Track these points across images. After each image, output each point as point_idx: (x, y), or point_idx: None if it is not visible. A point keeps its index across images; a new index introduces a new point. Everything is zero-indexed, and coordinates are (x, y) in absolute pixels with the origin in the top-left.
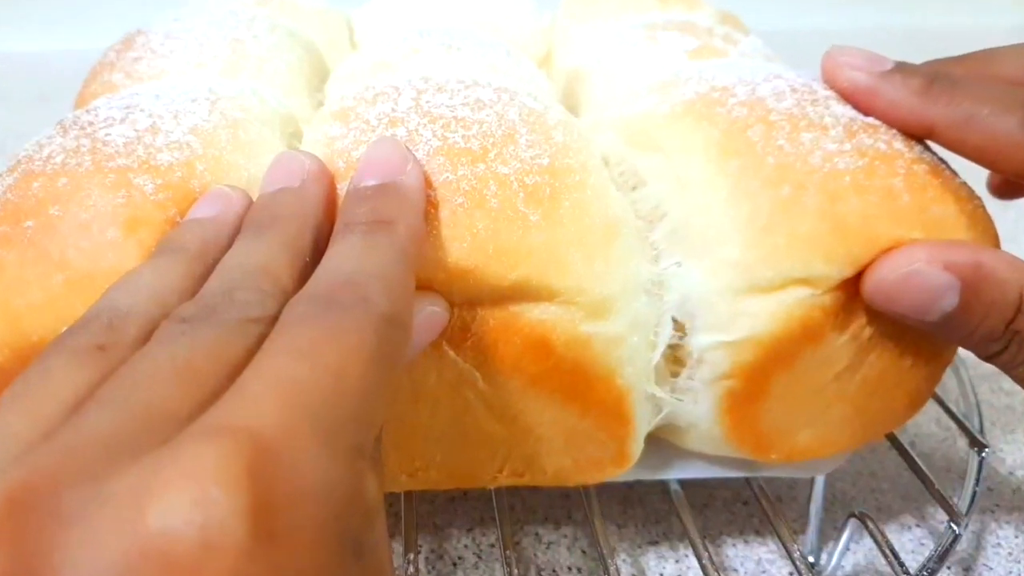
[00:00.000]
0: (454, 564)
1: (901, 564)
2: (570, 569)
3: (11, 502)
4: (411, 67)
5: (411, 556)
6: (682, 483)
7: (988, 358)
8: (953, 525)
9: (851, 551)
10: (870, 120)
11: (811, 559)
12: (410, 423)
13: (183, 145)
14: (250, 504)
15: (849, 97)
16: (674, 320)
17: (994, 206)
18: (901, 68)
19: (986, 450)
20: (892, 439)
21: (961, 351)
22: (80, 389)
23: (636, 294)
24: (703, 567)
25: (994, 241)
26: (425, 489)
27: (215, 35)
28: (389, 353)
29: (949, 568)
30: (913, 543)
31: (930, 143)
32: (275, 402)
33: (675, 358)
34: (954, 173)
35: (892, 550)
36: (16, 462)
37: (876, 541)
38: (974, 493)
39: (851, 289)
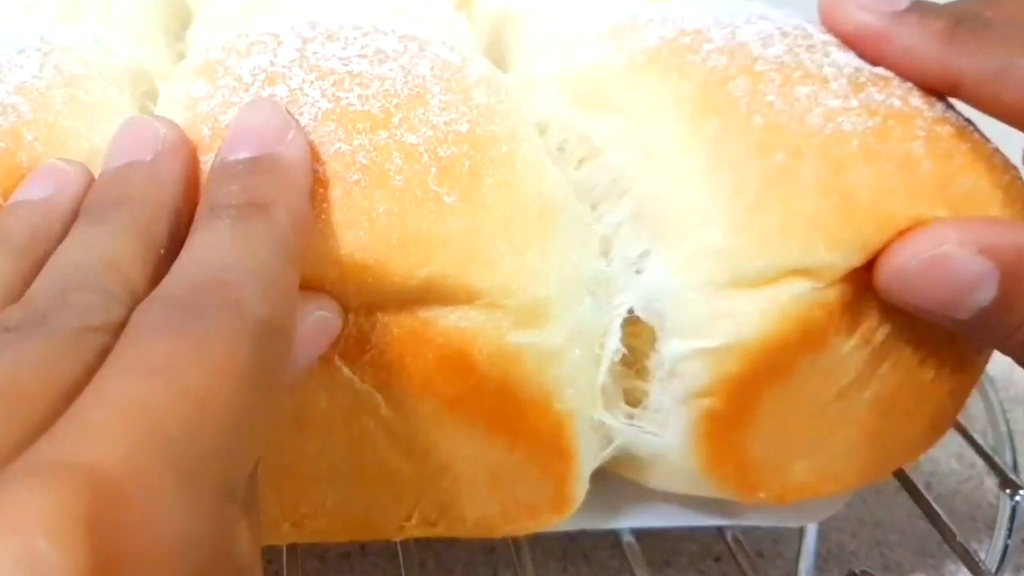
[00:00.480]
0: None
1: None
2: None
3: None
4: (295, 9)
5: None
6: (637, 533)
7: None
8: None
9: None
10: (880, 71)
11: None
12: (294, 458)
13: (7, 108)
14: (89, 563)
15: (854, 42)
16: (638, 323)
17: None
18: (919, 7)
19: (1021, 492)
20: (902, 478)
21: (989, 366)
22: None
23: (578, 296)
24: None
25: None
26: (314, 542)
27: None
28: (266, 370)
29: None
30: None
31: (953, 100)
32: (121, 433)
33: (637, 370)
34: (984, 138)
35: None
36: None
37: None
38: (1005, 547)
39: (860, 282)
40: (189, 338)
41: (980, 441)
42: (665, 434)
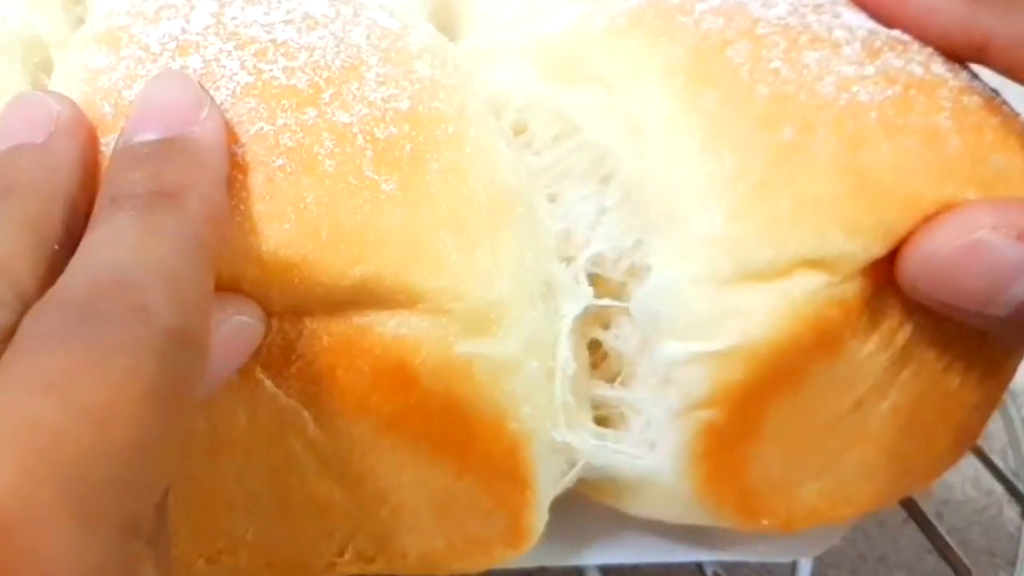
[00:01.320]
0: None
1: None
2: None
3: None
4: None
5: None
6: (606, 571)
7: None
8: None
9: None
10: (896, 34)
11: None
12: (209, 486)
13: None
14: None
15: (867, 1)
16: (621, 325)
17: None
18: None
19: None
20: (909, 507)
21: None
22: None
23: (533, 300)
24: None
25: None
26: None
27: None
28: (176, 386)
29: None
30: None
31: (977, 68)
32: (8, 458)
33: (623, 380)
34: (1012, 110)
35: None
36: None
37: None
38: None
39: (879, 276)
40: (87, 349)
41: (999, 464)
42: (655, 454)
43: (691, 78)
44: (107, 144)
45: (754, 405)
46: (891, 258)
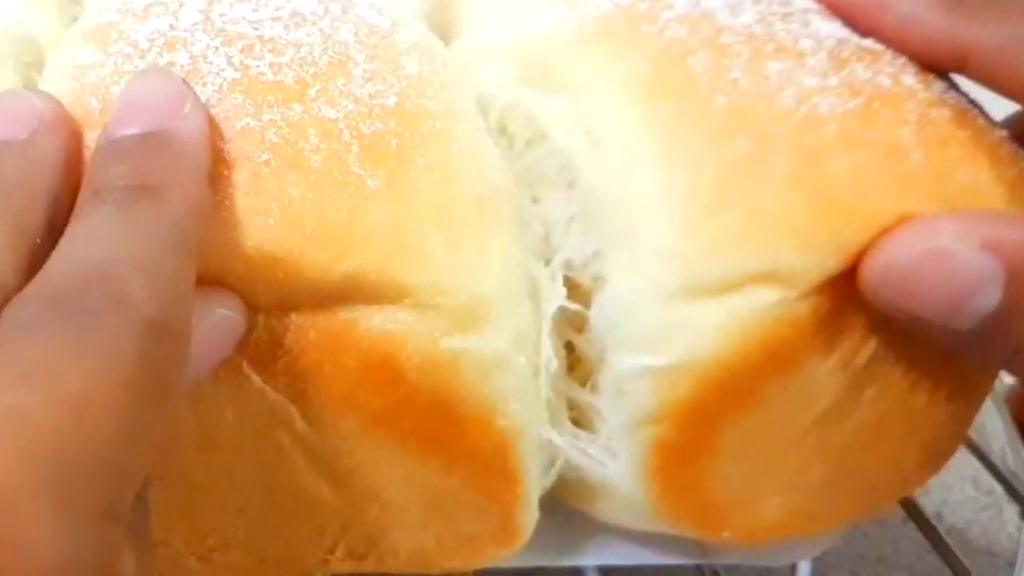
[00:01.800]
0: None
1: None
2: None
3: None
4: None
5: None
6: (605, 572)
7: None
8: None
9: None
10: (869, 44)
11: None
12: (199, 483)
13: None
14: None
15: (844, 10)
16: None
17: None
18: None
19: None
20: (909, 507)
21: (1009, 376)
22: None
23: (522, 296)
24: None
25: None
26: None
27: None
28: (156, 376)
29: None
30: None
31: (956, 79)
32: None
33: (591, 385)
34: (990, 123)
35: None
36: None
37: None
38: None
39: (838, 292)
40: (67, 339)
41: (999, 464)
42: (615, 464)
43: (649, 88)
44: (94, 140)
45: (704, 422)
46: (850, 276)
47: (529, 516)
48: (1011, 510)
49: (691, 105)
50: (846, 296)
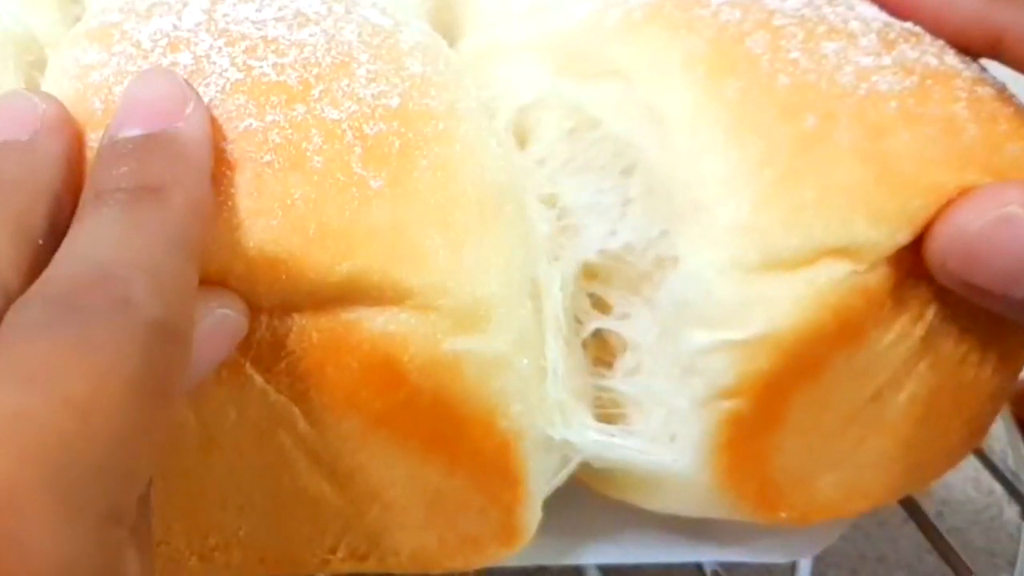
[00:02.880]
0: None
1: None
2: None
3: None
4: None
5: None
6: (606, 571)
7: None
8: None
9: None
10: (908, 26)
11: None
12: (200, 482)
13: None
14: None
15: None
16: (643, 315)
17: None
18: None
19: None
20: (910, 507)
21: None
22: None
23: (524, 297)
24: None
25: None
26: None
27: None
28: (159, 378)
29: None
30: None
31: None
32: None
33: (633, 369)
34: (1022, 103)
35: None
36: None
37: None
38: None
39: (902, 265)
40: (71, 341)
41: (999, 464)
42: (672, 445)
43: (712, 69)
44: (95, 140)
45: (778, 394)
46: (912, 248)
47: (531, 516)
48: (1011, 510)
49: (755, 83)
50: (908, 269)
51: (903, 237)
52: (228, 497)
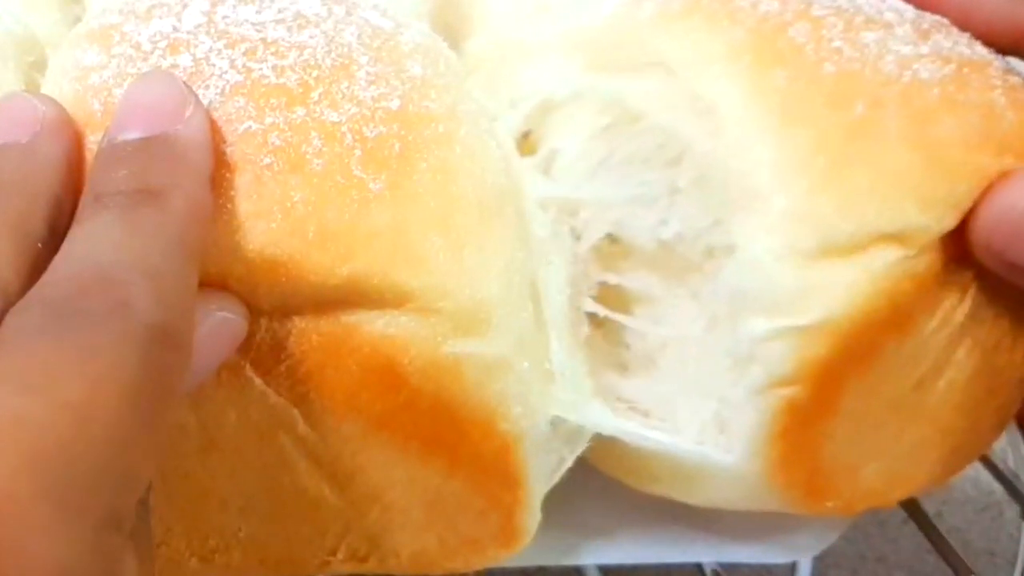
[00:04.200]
0: None
1: None
2: None
3: None
4: None
5: None
6: (605, 571)
7: None
8: None
9: None
10: (936, 18)
11: None
12: (201, 484)
13: None
14: None
15: None
16: (689, 308)
17: None
18: None
19: None
20: (910, 507)
21: None
22: None
23: (525, 300)
24: None
25: None
26: None
27: None
28: (158, 382)
29: None
30: None
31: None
32: None
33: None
34: None
35: None
36: None
37: None
38: None
39: (945, 250)
40: (70, 346)
41: (999, 464)
42: (727, 437)
43: (758, 58)
44: (95, 143)
45: (833, 382)
46: (954, 233)
47: (531, 518)
48: (1011, 510)
49: (802, 71)
50: (950, 254)
51: (950, 222)
52: (228, 499)
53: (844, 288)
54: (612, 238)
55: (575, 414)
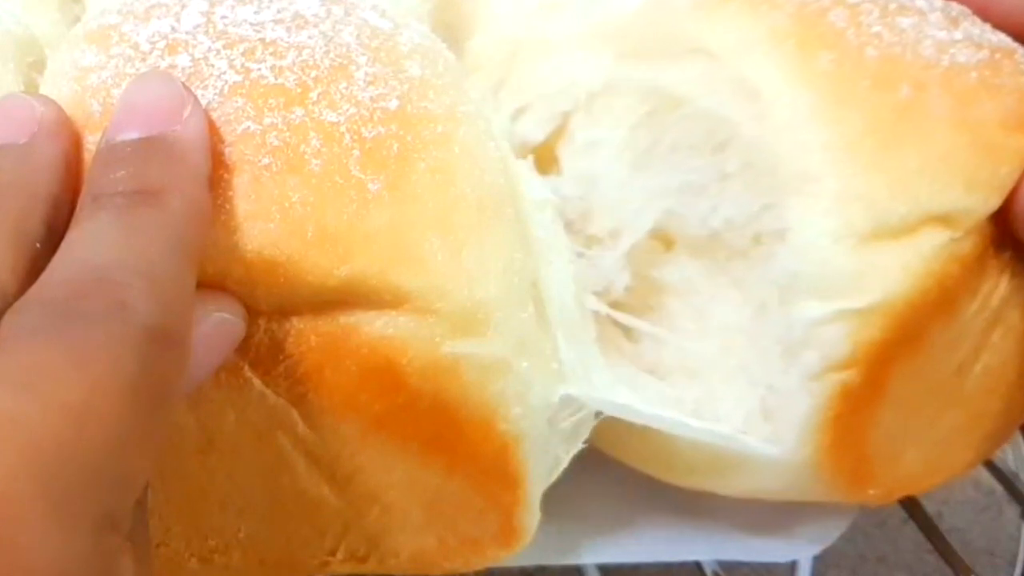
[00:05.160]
0: None
1: None
2: None
3: None
4: None
5: None
6: (605, 570)
7: None
8: None
9: None
10: (961, 7)
11: None
12: (200, 484)
13: None
14: None
15: None
16: (733, 296)
17: None
18: None
19: None
20: (910, 506)
21: None
22: None
23: (525, 301)
24: None
25: None
26: None
27: None
28: (156, 383)
29: None
30: None
31: None
32: None
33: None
34: None
35: None
36: None
37: None
38: None
39: (988, 231)
40: (67, 346)
41: (999, 464)
42: (776, 424)
43: (802, 42)
44: (94, 143)
45: (885, 365)
46: (993, 217)
47: (530, 518)
48: (1011, 510)
49: (846, 55)
50: (991, 237)
51: (994, 203)
52: (228, 499)
53: (899, 270)
54: (652, 231)
55: (611, 407)
